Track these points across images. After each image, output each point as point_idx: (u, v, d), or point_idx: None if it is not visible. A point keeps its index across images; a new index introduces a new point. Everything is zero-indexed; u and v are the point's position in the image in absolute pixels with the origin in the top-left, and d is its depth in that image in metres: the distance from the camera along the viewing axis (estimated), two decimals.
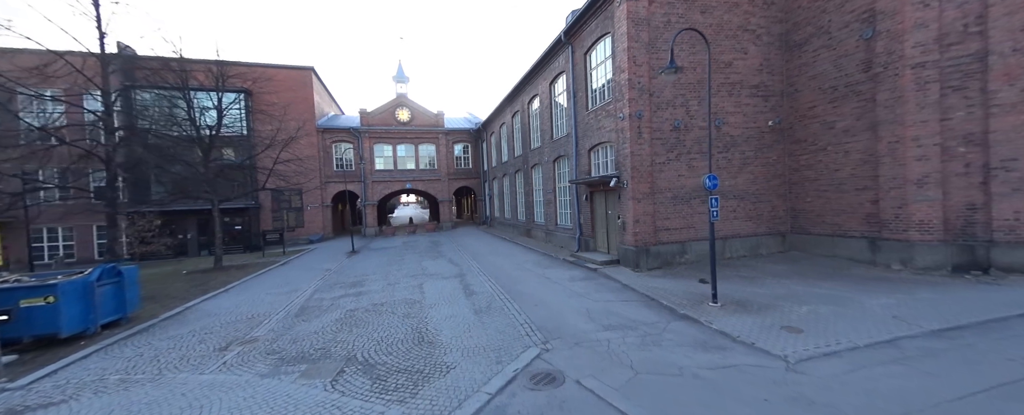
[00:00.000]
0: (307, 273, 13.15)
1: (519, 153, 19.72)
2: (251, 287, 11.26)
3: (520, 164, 19.29)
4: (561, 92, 14.21)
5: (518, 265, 12.13)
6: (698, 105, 10.01)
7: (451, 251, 16.36)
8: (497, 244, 17.80)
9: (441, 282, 10.37)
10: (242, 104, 22.39)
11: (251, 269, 14.42)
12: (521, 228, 19.57)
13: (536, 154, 16.97)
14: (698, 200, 10.09)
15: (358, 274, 12.32)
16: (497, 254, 14.68)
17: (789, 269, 9.05)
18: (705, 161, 10.11)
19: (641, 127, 9.53)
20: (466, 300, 8.51)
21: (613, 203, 10.92)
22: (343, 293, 9.86)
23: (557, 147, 14.50)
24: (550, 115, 15.12)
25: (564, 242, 14.20)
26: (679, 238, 9.94)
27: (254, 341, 6.85)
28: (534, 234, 17.63)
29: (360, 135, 25.87)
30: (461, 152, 29.11)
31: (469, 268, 12.18)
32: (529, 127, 17.87)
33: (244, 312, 8.66)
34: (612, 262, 10.34)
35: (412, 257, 15.27)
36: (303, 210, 24.56)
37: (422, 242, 20.62)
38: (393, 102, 26.88)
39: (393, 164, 27.00)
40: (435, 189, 27.97)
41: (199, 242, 21.67)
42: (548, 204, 15.64)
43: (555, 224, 15.11)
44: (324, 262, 15.42)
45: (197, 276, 13.49)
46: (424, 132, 27.35)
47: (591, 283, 9.16)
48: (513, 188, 20.87)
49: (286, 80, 23.99)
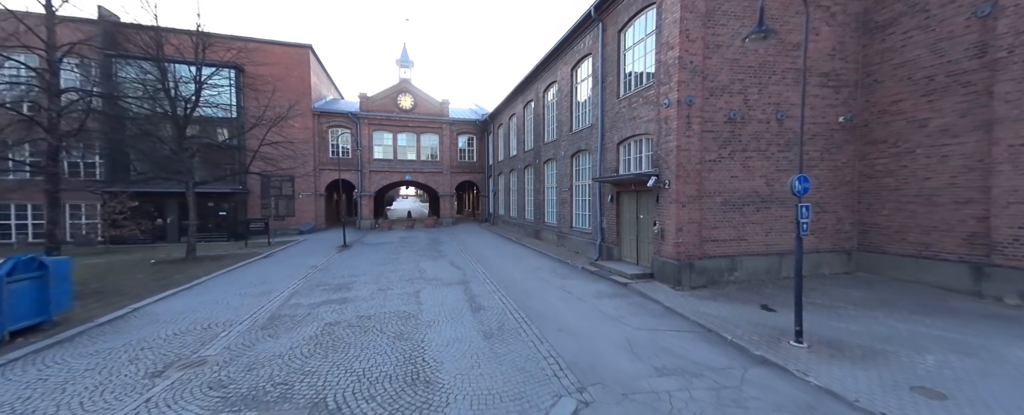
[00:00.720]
0: (289, 270, 11.54)
1: (530, 147, 18.08)
2: (220, 284, 9.65)
3: (531, 159, 17.66)
4: (585, 78, 12.56)
5: (530, 273, 10.52)
6: (758, 94, 8.38)
7: (452, 251, 14.76)
8: (503, 245, 16.20)
9: (442, 291, 8.77)
10: (232, 81, 20.74)
11: (228, 261, 12.80)
12: (529, 228, 17.97)
13: (550, 148, 15.34)
14: (752, 207, 8.48)
15: (346, 274, 10.72)
16: (504, 257, 13.08)
17: (869, 297, 7.45)
18: (762, 161, 8.50)
19: (691, 116, 7.90)
20: (472, 317, 6.91)
21: (647, 206, 9.31)
22: (325, 299, 8.25)
23: (577, 140, 12.87)
24: (570, 104, 13.48)
25: (581, 247, 12.60)
26: (728, 251, 8.34)
27: (200, 364, 5.26)
28: (544, 236, 16.03)
29: (359, 121, 24.20)
30: (465, 144, 27.46)
31: (474, 274, 10.58)
32: (544, 118, 16.23)
33: (201, 319, 7.05)
34: (644, 276, 8.74)
35: (409, 256, 13.66)
36: (294, 198, 22.93)
37: (420, 239, 19.02)
38: (395, 87, 25.19)
39: (393, 154, 25.35)
40: (436, 182, 26.33)
41: (180, 227, 20.01)
42: (562, 204, 14.03)
43: (570, 226, 13.50)
44: (311, 257, 13.81)
45: (165, 267, 11.87)
46: (427, 121, 25.69)
47: (624, 302, 7.55)
48: (521, 185, 19.25)
49: (281, 57, 22.29)
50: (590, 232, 12.01)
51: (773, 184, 8.59)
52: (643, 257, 9.56)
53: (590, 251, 11.85)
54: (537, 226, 16.86)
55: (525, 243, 16.03)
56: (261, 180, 22.13)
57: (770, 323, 6.22)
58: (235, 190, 20.63)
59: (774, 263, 8.62)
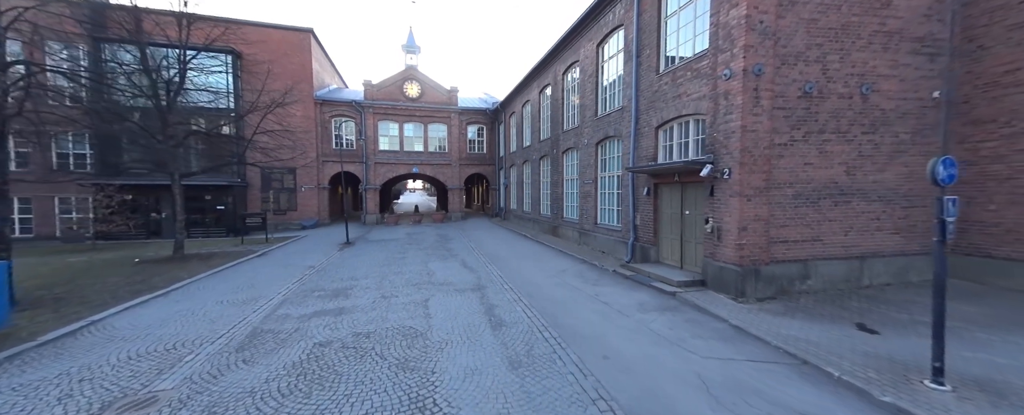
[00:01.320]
0: (283, 271, 10.37)
1: (547, 135, 16.63)
2: (201, 290, 8.49)
3: (547, 149, 16.23)
4: (614, 54, 11.06)
5: (554, 277, 9.19)
6: (840, 62, 6.86)
7: (463, 249, 13.48)
8: (518, 243, 14.87)
9: (454, 298, 7.49)
10: (228, 67, 19.56)
11: (218, 260, 11.68)
12: (545, 224, 16.61)
13: (570, 136, 13.89)
14: (829, 201, 7.01)
15: (346, 277, 9.50)
16: (521, 257, 11.76)
17: (987, 314, 5.98)
18: (842, 144, 7.00)
19: (760, 90, 6.43)
20: (493, 337, 5.61)
21: (695, 200, 7.89)
22: (318, 309, 7.03)
23: (603, 126, 11.42)
24: (595, 86, 12.00)
25: (608, 247, 11.22)
26: (800, 255, 6.90)
27: (148, 404, 4.05)
28: (563, 233, 14.66)
29: (363, 110, 22.92)
30: (475, 135, 26.07)
31: (489, 277, 9.29)
32: (563, 103, 14.76)
33: (168, 335, 5.87)
34: (693, 283, 7.35)
35: (416, 255, 12.41)
36: (296, 191, 21.84)
37: (428, 235, 17.78)
38: (402, 74, 23.82)
39: (399, 145, 24.08)
40: (445, 175, 25.05)
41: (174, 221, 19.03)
42: (585, 198, 12.63)
43: (594, 223, 12.11)
44: (309, 255, 12.64)
45: (147, 267, 10.79)
46: (435, 110, 24.32)
47: (679, 319, 6.19)
48: (536, 177, 17.85)
49: (280, 43, 21.03)
50: (619, 230, 10.61)
51: (855, 173, 7.10)
52: (689, 260, 8.15)
53: (620, 251, 10.47)
54: (555, 222, 15.49)
55: (542, 241, 14.68)
56: (261, 173, 21.07)
57: (881, 351, 4.81)
58: (233, 183, 19.58)
59: (854, 268, 7.17)
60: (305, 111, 21.72)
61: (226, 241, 16.48)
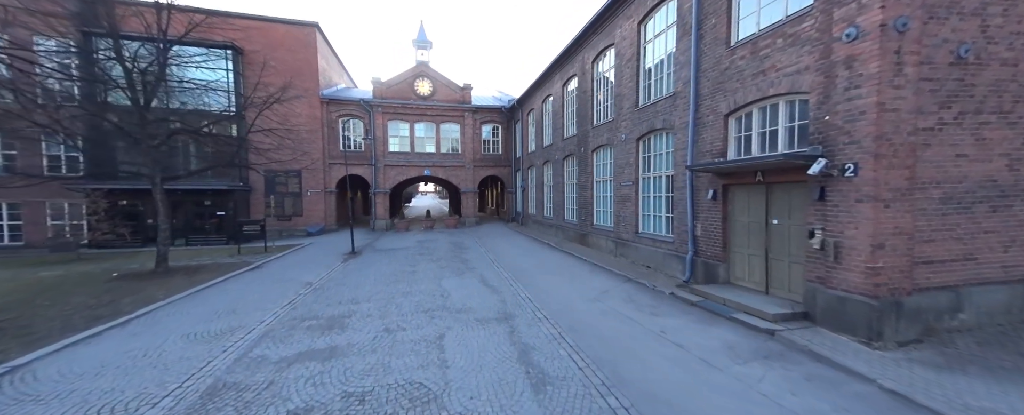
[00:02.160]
0: (275, 290, 8.89)
1: (572, 133, 14.94)
2: (172, 316, 7.03)
3: (573, 147, 14.53)
4: (662, 30, 9.32)
5: (598, 301, 7.46)
6: (1003, 16, 5.01)
7: (481, 261, 11.84)
8: (541, 253, 13.16)
9: (475, 334, 5.84)
10: (228, 64, 18.46)
11: (205, 275, 10.30)
12: (571, 231, 14.87)
13: (603, 132, 12.16)
14: (985, 206, 5.14)
15: (345, 299, 7.95)
16: (549, 271, 10.05)
17: None
18: (1004, 129, 5.14)
19: (903, 53, 4.63)
20: (536, 405, 3.93)
21: (789, 206, 6.10)
22: (304, 348, 5.46)
23: (647, 118, 9.67)
24: (635, 71, 10.26)
25: (654, 261, 9.43)
26: (948, 279, 5.05)
27: None
28: (593, 242, 12.90)
29: (372, 109, 21.61)
30: (489, 135, 24.52)
31: (516, 300, 7.61)
32: (592, 95, 13.04)
33: (96, 396, 4.35)
34: (794, 317, 5.54)
35: (428, 269, 10.81)
36: (302, 196, 20.60)
37: (441, 243, 16.21)
38: (412, 71, 22.46)
39: (410, 146, 22.68)
40: (458, 177, 23.54)
41: (173, 227, 17.95)
42: (623, 202, 10.86)
43: (634, 232, 10.33)
44: (308, 269, 11.18)
45: (122, 284, 9.45)
46: (448, 109, 22.87)
47: (796, 375, 4.39)
48: (559, 179, 16.15)
49: (284, 38, 19.89)
50: (671, 241, 8.81)
51: (1020, 167, 5.22)
52: (777, 283, 6.34)
53: (671, 267, 8.68)
54: (583, 229, 13.74)
55: (569, 250, 12.94)
56: (265, 176, 19.88)
57: None
58: (235, 187, 18.41)
59: (1018, 295, 5.26)
60: (311, 111, 20.52)
61: (223, 250, 15.19)
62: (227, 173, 18.04)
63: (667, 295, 7.44)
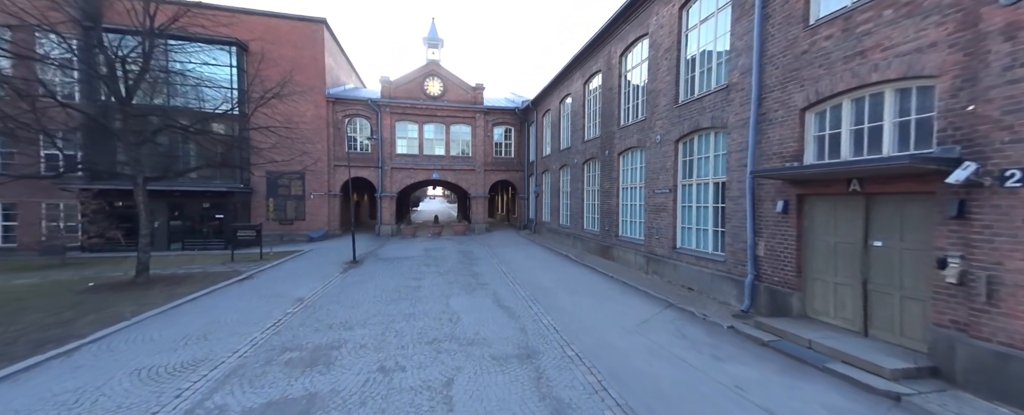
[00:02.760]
0: (261, 306, 7.77)
1: (594, 134, 13.69)
2: (131, 343, 5.92)
3: (595, 150, 13.27)
4: (711, 13, 8.03)
5: (638, 333, 6.13)
6: None
7: (494, 275, 10.59)
8: (561, 267, 11.86)
9: (492, 380, 4.58)
10: (232, 61, 17.70)
11: (187, 287, 9.25)
12: (591, 243, 13.55)
13: (631, 133, 10.89)
14: None
15: (337, 323, 6.77)
16: (574, 291, 8.74)
17: None
18: None
19: None
20: None
21: (901, 224, 4.75)
22: (278, 394, 4.28)
23: (691, 115, 8.39)
24: (675, 63, 8.99)
25: (700, 283, 8.08)
26: None
27: None
28: (619, 256, 11.56)
29: (380, 109, 20.67)
30: (501, 137, 23.40)
31: (539, 329, 6.33)
32: (619, 93, 11.79)
33: None
34: (921, 372, 4.17)
35: (434, 284, 9.60)
36: (305, 199, 19.67)
37: (449, 252, 15.01)
38: (422, 70, 21.51)
39: (418, 148, 21.67)
40: (468, 182, 22.41)
41: (169, 231, 17.13)
42: (657, 212, 9.54)
43: (671, 247, 8.99)
44: (303, 281, 10.06)
45: (94, 296, 8.46)
46: (458, 110, 21.83)
47: None
48: (579, 185, 14.87)
49: (290, 34, 19.11)
50: (722, 260, 7.45)
51: None
52: (882, 322, 4.95)
53: (722, 291, 7.32)
54: (606, 240, 12.40)
55: (590, 264, 11.61)
56: (267, 178, 19.04)
57: None
58: (235, 189, 17.53)
59: None
60: (316, 110, 19.65)
61: (219, 256, 14.20)
62: (224, 174, 17.19)
63: (725, 329, 6.08)
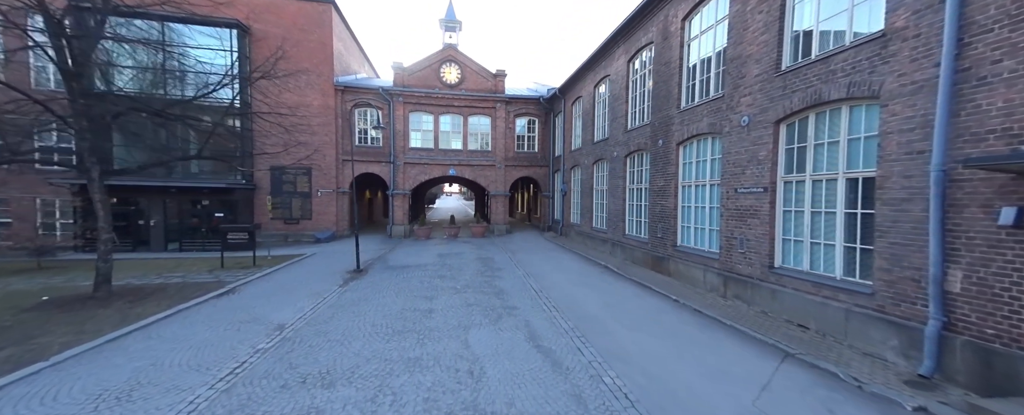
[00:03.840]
0: (227, 339, 5.95)
1: (642, 121, 11.41)
2: (23, 399, 4.14)
3: (643, 140, 10.99)
4: None
5: (765, 411, 3.93)
6: None
7: (523, 294, 8.51)
8: (604, 283, 9.66)
9: None
10: (234, 44, 16.19)
11: (148, 306, 7.57)
12: (638, 252, 11.29)
13: (699, 116, 8.58)
14: None
15: (317, 370, 4.81)
16: (637, 325, 6.55)
17: None
18: None
19: None
20: None
21: None
22: None
23: (807, 83, 6.03)
24: (778, 15, 6.62)
25: (818, 318, 5.76)
26: None
27: None
28: (678, 271, 9.28)
29: (392, 98, 18.87)
30: (524, 129, 21.26)
31: (605, 402, 4.19)
32: (680, 67, 9.44)
33: None
34: None
35: (449, 307, 7.59)
36: (311, 196, 18.11)
37: (467, 259, 13.01)
38: (439, 55, 19.56)
39: (434, 141, 19.78)
40: (487, 179, 20.39)
41: (167, 230, 15.81)
42: (742, 217, 7.23)
43: (766, 265, 6.66)
44: (291, 298, 8.26)
45: (41, 316, 6.86)
46: (477, 99, 19.81)
47: None
48: (618, 182, 12.61)
49: (296, 16, 17.47)
50: (868, 292, 5.10)
51: None
52: None
53: (869, 338, 5.00)
54: (659, 250, 10.12)
55: (639, 279, 9.36)
56: (271, 174, 17.56)
57: None
58: (235, 185, 16.08)
59: None
60: (324, 99, 18.01)
61: (213, 260, 12.63)
62: (218, 168, 15.70)
63: (910, 412, 3.80)
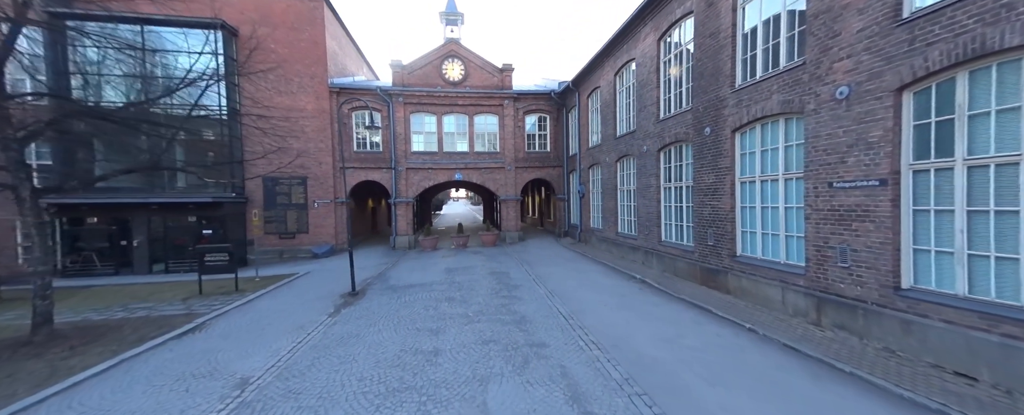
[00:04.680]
0: (173, 404, 4.39)
1: (680, 108, 9.71)
2: None
3: (683, 130, 9.29)
4: None
5: None
6: None
7: (552, 324, 6.82)
8: (650, 305, 7.91)
9: None
10: (218, 47, 14.93)
11: (94, 351, 6.09)
12: (680, 264, 9.55)
13: (768, 91, 6.85)
14: None
15: None
16: (720, 377, 4.79)
17: None
18: None
19: None
20: None
21: None
22: None
23: (964, 29, 4.28)
24: None
25: (972, 358, 4.01)
26: None
27: None
28: (740, 287, 7.50)
29: (391, 99, 17.45)
30: (534, 127, 19.65)
31: None
32: (733, 36, 7.72)
33: None
34: None
35: (460, 346, 5.94)
36: (307, 208, 16.70)
37: (478, 274, 11.36)
38: (440, 51, 18.11)
39: (437, 144, 18.28)
40: (497, 182, 18.80)
41: (151, 250, 14.50)
42: (841, 220, 5.46)
43: (891, 286, 4.87)
44: (266, 337, 6.70)
45: None
46: (483, 97, 18.28)
47: None
48: (652, 180, 10.90)
49: (285, 13, 16.18)
50: None
51: None
52: None
53: None
54: (708, 261, 8.37)
55: (687, 296, 7.62)
56: (264, 185, 16.21)
57: None
58: (223, 199, 14.72)
59: None
60: (318, 103, 16.65)
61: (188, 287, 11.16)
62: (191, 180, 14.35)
63: None
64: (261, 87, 15.99)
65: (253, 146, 15.57)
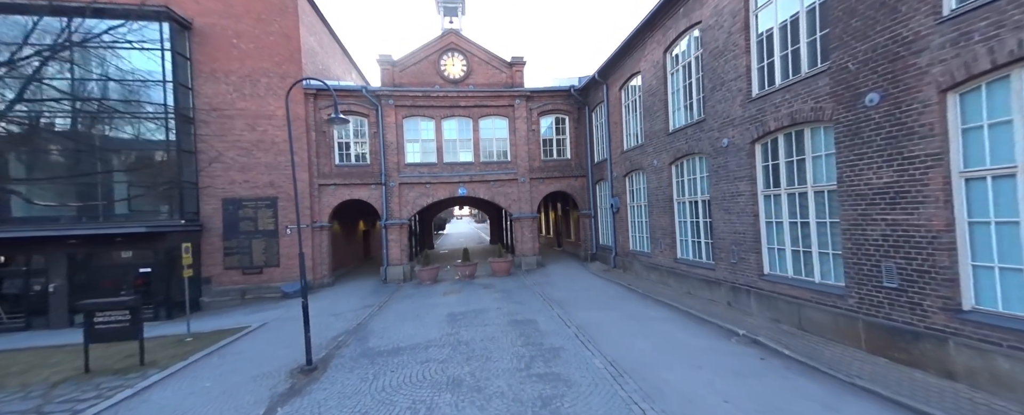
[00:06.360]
0: None
1: (795, 76, 6.57)
2: None
3: (797, 108, 6.12)
4: None
5: None
6: None
7: None
8: (807, 400, 4.54)
9: None
10: (165, 42, 12.20)
11: None
12: (810, 312, 6.19)
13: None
14: None
15: None
16: None
17: None
18: None
19: None
20: None
21: None
22: None
23: None
24: None
25: None
26: None
27: None
28: (977, 370, 4.10)
29: (380, 102, 14.57)
30: (551, 131, 16.64)
31: None
32: None
33: None
34: None
35: None
36: (278, 235, 13.56)
37: (494, 326, 7.94)
38: (438, 44, 15.34)
39: (437, 153, 15.27)
40: (508, 197, 15.65)
41: (71, 298, 11.28)
42: None
43: None
44: None
45: None
46: (490, 96, 15.38)
47: None
48: (730, 186, 7.71)
49: (250, 3, 13.52)
50: None
51: None
52: None
53: None
54: (884, 314, 5.02)
55: (866, 382, 4.29)
56: (224, 208, 13.16)
57: None
58: (166, 227, 11.63)
59: None
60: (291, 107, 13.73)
61: (92, 353, 7.83)
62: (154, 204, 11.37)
63: None
64: (220, 90, 13.24)
65: (209, 162, 12.68)
